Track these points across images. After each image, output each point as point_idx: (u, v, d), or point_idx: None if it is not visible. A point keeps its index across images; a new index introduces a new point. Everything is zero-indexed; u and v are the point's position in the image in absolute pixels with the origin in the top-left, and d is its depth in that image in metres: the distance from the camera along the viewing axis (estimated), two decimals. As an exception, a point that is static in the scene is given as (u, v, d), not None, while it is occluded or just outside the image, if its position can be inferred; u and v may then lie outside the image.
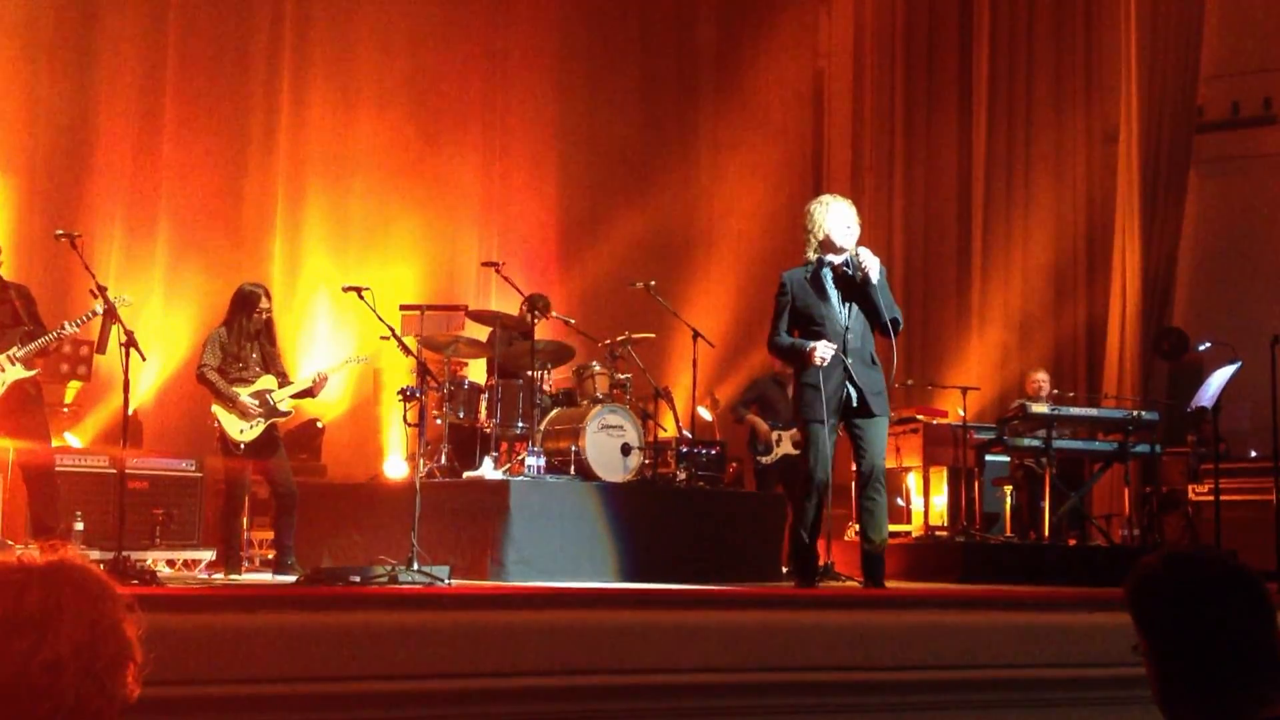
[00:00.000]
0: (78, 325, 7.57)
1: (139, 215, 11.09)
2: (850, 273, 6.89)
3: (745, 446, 10.79)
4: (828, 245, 6.92)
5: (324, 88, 12.22)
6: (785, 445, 10.31)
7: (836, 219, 6.92)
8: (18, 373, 7.44)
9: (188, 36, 11.49)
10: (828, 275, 6.93)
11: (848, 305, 6.90)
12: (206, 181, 11.46)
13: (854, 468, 7.06)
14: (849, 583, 7.28)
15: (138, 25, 11.21)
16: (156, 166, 11.25)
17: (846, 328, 6.86)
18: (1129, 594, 2.44)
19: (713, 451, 10.77)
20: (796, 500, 7.18)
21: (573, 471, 8.48)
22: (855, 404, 6.86)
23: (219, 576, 7.82)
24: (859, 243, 6.95)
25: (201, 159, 11.43)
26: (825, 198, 7.15)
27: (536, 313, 9.13)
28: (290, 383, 8.28)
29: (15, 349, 7.44)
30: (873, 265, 6.83)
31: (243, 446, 7.96)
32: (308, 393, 8.30)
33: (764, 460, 10.45)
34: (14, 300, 7.55)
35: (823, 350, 6.75)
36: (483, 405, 8.88)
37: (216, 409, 8.00)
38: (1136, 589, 2.43)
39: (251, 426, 7.97)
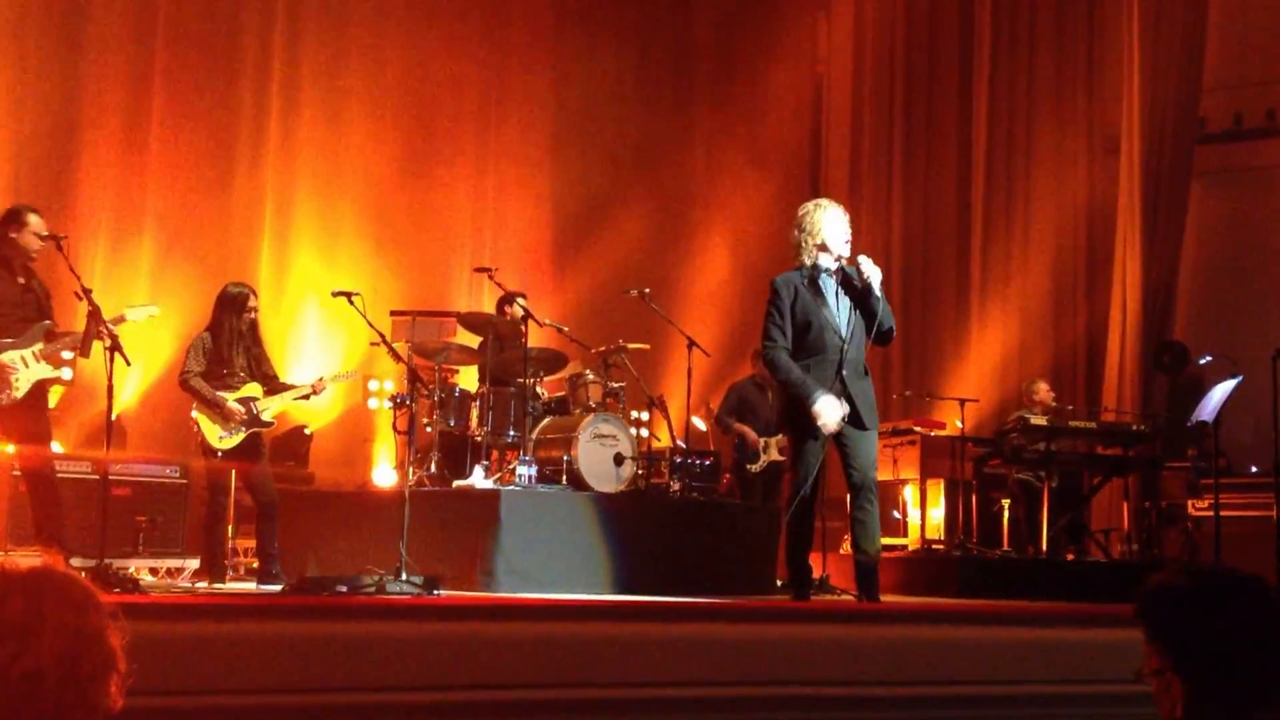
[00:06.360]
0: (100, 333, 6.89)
1: (125, 217, 11.02)
2: (854, 281, 6.78)
3: (731, 455, 10.70)
4: (825, 249, 6.79)
5: (314, 90, 12.16)
6: (772, 452, 10.24)
7: (833, 223, 6.79)
8: (43, 371, 7.02)
9: (177, 39, 11.43)
10: (828, 281, 6.81)
11: (849, 313, 6.78)
12: (194, 184, 11.39)
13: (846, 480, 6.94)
14: (844, 596, 7.19)
15: (126, 27, 11.16)
16: (143, 169, 11.19)
17: (846, 337, 6.74)
18: (1149, 610, 2.37)
19: (706, 462, 10.68)
20: (786, 513, 7.08)
21: (565, 481, 8.38)
22: (847, 417, 6.74)
23: (203, 585, 7.72)
24: (854, 250, 6.85)
25: (189, 161, 11.37)
26: (821, 201, 7.01)
27: (516, 305, 9.00)
28: (280, 383, 8.19)
29: (40, 345, 7.01)
30: (875, 274, 6.73)
31: (220, 454, 7.86)
32: (306, 395, 8.25)
33: (752, 468, 10.37)
34: (37, 292, 7.15)
35: (826, 418, 6.59)
36: (474, 413, 8.80)
37: (197, 414, 7.87)
38: (1159, 603, 2.36)
39: (231, 434, 7.86)
